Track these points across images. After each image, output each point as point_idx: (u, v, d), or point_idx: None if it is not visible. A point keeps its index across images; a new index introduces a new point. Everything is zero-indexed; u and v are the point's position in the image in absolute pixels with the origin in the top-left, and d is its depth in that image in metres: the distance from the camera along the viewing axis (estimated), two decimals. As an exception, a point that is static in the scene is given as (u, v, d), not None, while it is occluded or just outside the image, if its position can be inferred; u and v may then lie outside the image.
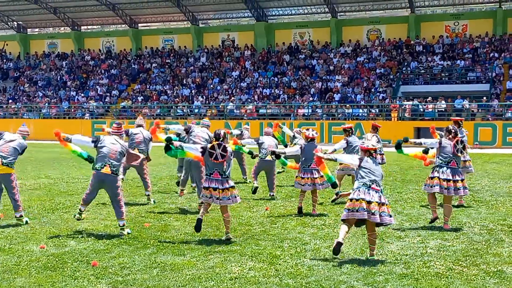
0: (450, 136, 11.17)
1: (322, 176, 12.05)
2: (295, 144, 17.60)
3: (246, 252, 9.12)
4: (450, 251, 9.13)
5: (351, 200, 8.74)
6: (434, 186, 10.97)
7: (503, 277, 7.80)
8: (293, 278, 7.79)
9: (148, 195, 13.89)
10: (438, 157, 11.11)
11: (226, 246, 9.44)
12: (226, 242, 9.75)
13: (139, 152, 13.26)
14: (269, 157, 14.40)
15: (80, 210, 10.66)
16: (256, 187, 14.57)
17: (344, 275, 7.91)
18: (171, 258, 8.80)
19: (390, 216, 8.74)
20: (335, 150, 13.87)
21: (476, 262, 8.49)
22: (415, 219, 11.67)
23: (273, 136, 16.04)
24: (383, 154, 16.48)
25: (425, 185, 11.26)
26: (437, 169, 11.04)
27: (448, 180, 10.88)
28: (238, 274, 7.96)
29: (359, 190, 8.75)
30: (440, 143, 11.13)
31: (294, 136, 18.79)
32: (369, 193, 8.66)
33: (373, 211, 8.55)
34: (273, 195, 14.65)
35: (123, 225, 10.43)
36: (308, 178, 12.41)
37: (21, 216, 11.25)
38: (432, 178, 11.05)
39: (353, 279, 7.74)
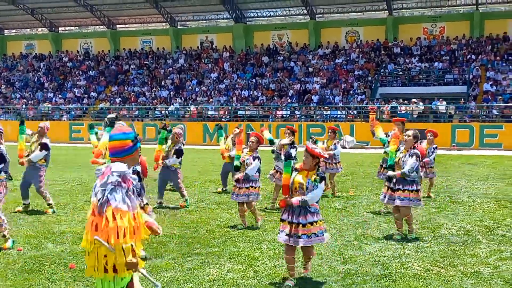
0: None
1: (248, 188, 10.82)
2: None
3: (224, 254, 9.09)
4: (428, 252, 9.17)
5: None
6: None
7: (480, 277, 7.86)
8: (271, 280, 7.78)
9: (50, 204, 13.00)
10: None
11: (205, 248, 9.40)
12: (205, 244, 9.70)
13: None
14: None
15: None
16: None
17: (323, 276, 7.91)
18: (149, 260, 8.74)
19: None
20: None
21: (453, 263, 8.54)
22: (393, 221, 11.70)
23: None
24: (339, 162, 15.33)
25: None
26: None
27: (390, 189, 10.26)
28: (216, 276, 7.93)
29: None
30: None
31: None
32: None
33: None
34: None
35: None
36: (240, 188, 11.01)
37: None
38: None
39: (332, 280, 7.74)
